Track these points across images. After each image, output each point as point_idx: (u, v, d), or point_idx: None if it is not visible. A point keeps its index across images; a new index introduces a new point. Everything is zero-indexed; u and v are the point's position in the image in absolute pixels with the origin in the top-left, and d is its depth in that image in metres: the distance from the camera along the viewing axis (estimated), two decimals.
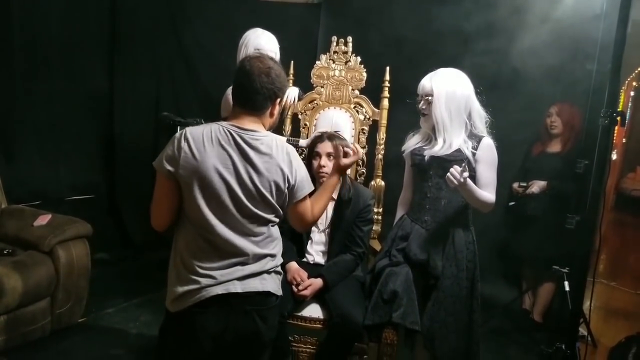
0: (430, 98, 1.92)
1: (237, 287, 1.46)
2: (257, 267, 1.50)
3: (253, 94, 1.47)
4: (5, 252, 2.43)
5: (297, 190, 1.53)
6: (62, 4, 3.27)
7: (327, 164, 2.12)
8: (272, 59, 1.54)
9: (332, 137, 2.16)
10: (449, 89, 1.91)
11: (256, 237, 1.50)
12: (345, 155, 1.74)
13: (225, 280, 1.45)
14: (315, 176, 2.13)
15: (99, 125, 3.69)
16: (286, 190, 1.51)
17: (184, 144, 1.43)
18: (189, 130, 1.46)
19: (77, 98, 3.46)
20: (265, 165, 1.46)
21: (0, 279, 2.20)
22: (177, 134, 1.47)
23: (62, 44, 3.31)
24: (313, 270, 2.11)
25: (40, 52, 3.21)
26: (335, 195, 2.19)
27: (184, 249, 1.48)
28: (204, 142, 1.43)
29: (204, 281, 1.44)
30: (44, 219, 2.56)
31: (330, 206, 2.19)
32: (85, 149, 3.59)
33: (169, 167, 1.44)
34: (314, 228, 2.22)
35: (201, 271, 1.45)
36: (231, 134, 1.45)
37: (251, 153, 1.45)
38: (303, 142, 2.38)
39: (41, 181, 3.25)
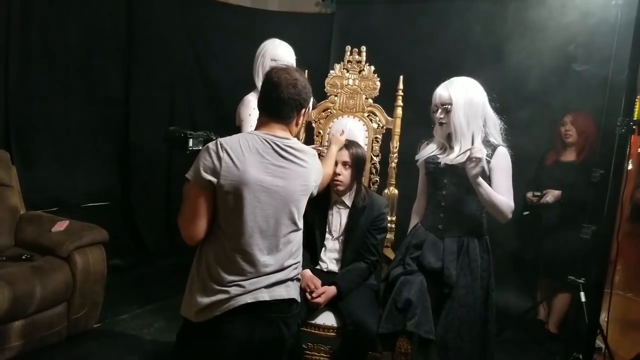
0: (448, 107, 1.93)
1: (265, 295, 1.47)
2: (283, 275, 1.52)
3: (281, 104, 1.51)
4: (23, 257, 2.47)
5: (316, 188, 1.67)
6: (80, 14, 3.34)
7: (343, 172, 2.13)
8: (297, 70, 1.58)
9: (349, 145, 2.18)
10: (466, 97, 1.91)
11: (287, 246, 1.53)
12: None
13: (253, 288, 1.46)
14: (330, 184, 2.15)
15: (115, 133, 3.75)
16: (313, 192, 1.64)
17: (223, 154, 1.43)
18: (223, 140, 1.47)
19: (94, 107, 3.52)
20: (302, 171, 1.53)
21: (20, 284, 2.24)
22: (211, 145, 1.46)
23: (79, 54, 3.38)
24: (326, 277, 2.11)
25: (58, 62, 3.28)
26: (349, 203, 2.20)
27: (212, 260, 1.48)
28: (242, 151, 1.45)
29: (233, 290, 1.44)
30: (61, 225, 2.60)
31: (345, 214, 2.20)
32: (101, 156, 3.65)
33: (210, 178, 1.43)
34: (327, 235, 2.22)
35: (229, 281, 1.45)
36: (268, 142, 1.49)
37: (290, 159, 1.51)
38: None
39: (58, 188, 3.31)
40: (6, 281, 2.20)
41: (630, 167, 5.98)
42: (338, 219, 2.21)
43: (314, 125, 2.62)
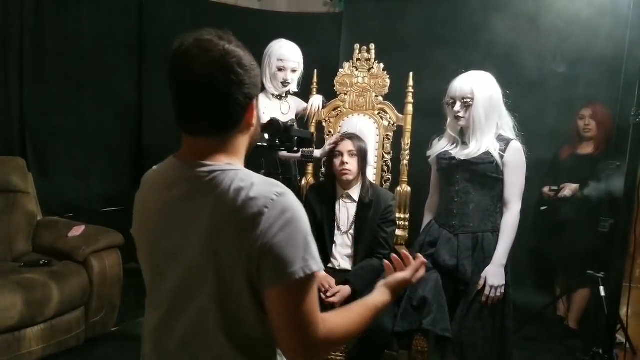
0: (470, 101, 1.89)
1: None
2: None
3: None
4: (41, 262, 2.50)
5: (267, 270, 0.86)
6: (92, 19, 3.38)
7: (350, 161, 2.14)
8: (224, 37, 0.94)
9: (352, 136, 2.20)
10: (487, 92, 1.89)
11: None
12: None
13: None
14: (337, 175, 2.18)
15: (129, 138, 3.78)
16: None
17: None
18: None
19: (108, 112, 3.56)
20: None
21: (38, 289, 2.28)
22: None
23: (92, 59, 3.42)
24: (340, 276, 2.10)
25: (71, 68, 3.32)
26: (356, 197, 2.20)
27: None
28: None
29: None
30: (77, 230, 2.64)
31: (352, 207, 2.20)
32: (116, 161, 3.69)
33: None
34: (336, 230, 2.21)
35: None
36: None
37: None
38: (318, 153, 2.34)
39: (74, 193, 3.35)
40: (25, 287, 2.24)
41: None
42: (345, 212, 2.21)
43: (324, 124, 2.62)
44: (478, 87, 1.88)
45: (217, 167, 0.90)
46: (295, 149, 1.40)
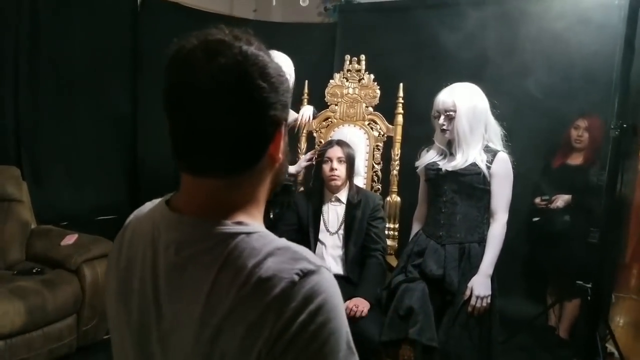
0: (452, 114, 1.92)
1: None
2: None
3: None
4: (34, 270, 2.52)
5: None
6: (85, 29, 3.41)
7: (339, 167, 2.18)
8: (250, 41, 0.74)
9: (341, 142, 2.26)
10: (470, 104, 1.92)
11: None
12: None
13: None
14: (326, 180, 2.23)
15: (123, 147, 3.81)
16: None
17: None
18: None
19: (101, 121, 3.58)
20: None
21: (31, 297, 2.29)
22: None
23: (85, 68, 3.44)
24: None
25: (65, 76, 3.35)
26: (344, 199, 2.25)
27: None
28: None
29: None
30: (70, 239, 2.66)
31: (341, 209, 2.24)
32: (110, 171, 3.70)
33: None
34: (325, 231, 2.24)
35: None
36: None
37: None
38: (293, 169, 2.35)
39: (68, 202, 3.36)
40: (17, 295, 2.26)
41: None
42: (335, 214, 2.25)
43: (315, 134, 2.65)
44: (460, 99, 1.91)
45: (226, 228, 0.64)
46: None
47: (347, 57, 2.66)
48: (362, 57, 2.63)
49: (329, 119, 2.66)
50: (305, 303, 0.57)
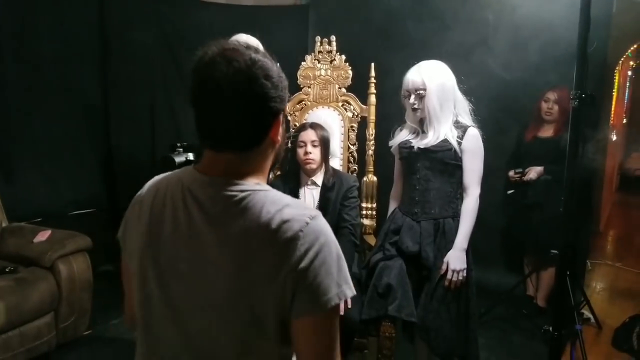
0: (422, 92, 1.92)
1: None
2: None
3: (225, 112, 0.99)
4: (7, 269, 2.46)
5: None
6: (52, 19, 3.31)
7: (313, 151, 2.18)
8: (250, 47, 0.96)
9: (315, 125, 2.23)
10: (439, 81, 1.92)
11: None
12: None
13: None
14: (302, 164, 2.22)
15: (97, 139, 3.73)
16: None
17: None
18: None
19: (73, 113, 3.50)
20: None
21: (5, 297, 2.24)
22: None
23: (54, 60, 3.35)
24: None
25: (33, 68, 3.25)
26: (319, 182, 2.24)
27: None
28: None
29: None
30: (43, 235, 2.60)
31: (316, 192, 2.24)
32: (84, 164, 3.63)
33: None
34: None
35: None
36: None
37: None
38: None
39: (41, 198, 3.29)
40: None
41: (614, 138, 5.99)
42: (311, 197, 2.25)
43: (289, 117, 2.62)
44: (429, 77, 1.91)
45: (248, 187, 0.86)
46: None
47: (318, 38, 2.63)
48: (333, 37, 2.60)
49: (303, 102, 2.63)
50: (316, 237, 0.82)
